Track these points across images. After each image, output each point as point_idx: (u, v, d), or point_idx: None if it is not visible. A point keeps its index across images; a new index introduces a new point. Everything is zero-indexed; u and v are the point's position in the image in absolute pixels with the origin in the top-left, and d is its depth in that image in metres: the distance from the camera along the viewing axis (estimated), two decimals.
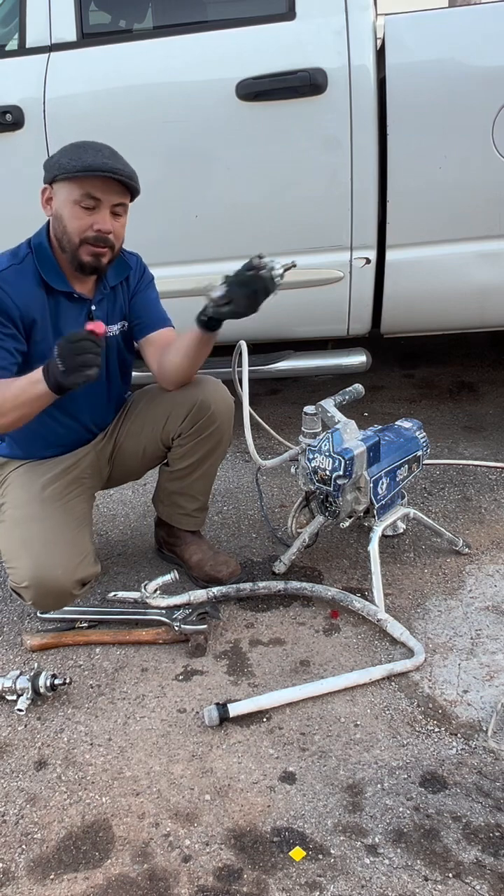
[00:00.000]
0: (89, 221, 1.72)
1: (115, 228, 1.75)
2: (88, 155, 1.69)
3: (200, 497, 2.06)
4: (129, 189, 1.74)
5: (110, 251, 1.77)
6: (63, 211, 1.72)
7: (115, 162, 1.70)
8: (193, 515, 2.08)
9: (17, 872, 1.32)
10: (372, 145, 2.20)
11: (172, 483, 2.03)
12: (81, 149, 1.71)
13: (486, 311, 2.41)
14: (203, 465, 1.99)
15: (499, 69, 2.14)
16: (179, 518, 2.07)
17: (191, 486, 2.02)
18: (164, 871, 1.31)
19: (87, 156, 1.69)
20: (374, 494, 1.88)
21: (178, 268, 2.39)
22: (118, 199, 1.73)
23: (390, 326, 2.48)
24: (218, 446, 1.97)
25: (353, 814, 1.38)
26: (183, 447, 1.96)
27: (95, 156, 1.69)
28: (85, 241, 1.73)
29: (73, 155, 1.70)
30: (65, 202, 1.72)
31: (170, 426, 1.95)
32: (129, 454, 2.02)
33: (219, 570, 2.03)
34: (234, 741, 1.55)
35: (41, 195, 1.76)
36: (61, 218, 1.73)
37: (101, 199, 1.71)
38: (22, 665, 1.81)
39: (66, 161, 1.69)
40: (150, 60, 2.27)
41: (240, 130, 2.23)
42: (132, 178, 1.73)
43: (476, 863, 1.28)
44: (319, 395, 2.14)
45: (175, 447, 1.97)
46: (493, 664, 1.70)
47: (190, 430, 1.93)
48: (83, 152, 1.70)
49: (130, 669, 1.77)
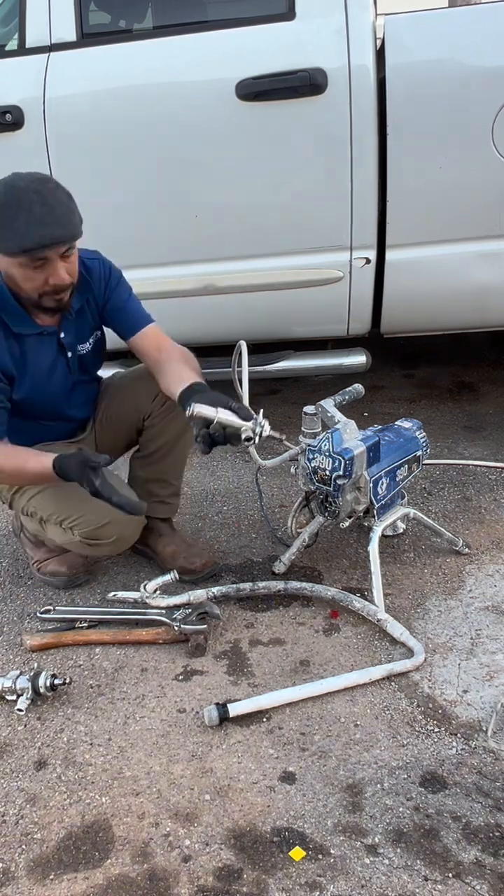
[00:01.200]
0: (43, 277, 1.70)
1: (69, 271, 1.73)
2: (21, 227, 1.60)
3: (174, 482, 2.11)
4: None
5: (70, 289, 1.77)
6: (12, 272, 1.71)
7: (53, 227, 1.62)
8: (167, 502, 2.12)
9: (17, 872, 1.32)
10: (372, 145, 2.20)
11: (145, 469, 2.08)
12: (14, 217, 1.61)
13: (486, 311, 2.41)
14: (175, 447, 2.04)
15: (499, 69, 2.14)
16: (154, 506, 2.08)
17: (163, 471, 2.07)
18: (164, 871, 1.31)
19: (20, 229, 1.60)
20: (373, 494, 1.88)
21: (178, 268, 2.39)
22: (64, 248, 1.68)
23: (390, 326, 2.48)
24: (187, 428, 1.99)
25: (353, 814, 1.38)
26: (154, 427, 2.01)
27: (32, 228, 1.60)
28: (43, 294, 1.74)
29: (6, 227, 1.62)
30: (12, 265, 1.69)
31: (141, 406, 2.00)
32: (107, 439, 2.09)
33: (193, 561, 2.06)
34: (234, 741, 1.55)
35: None
36: (13, 278, 1.73)
37: (49, 256, 1.67)
38: (22, 665, 1.81)
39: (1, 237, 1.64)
40: (150, 60, 2.27)
41: (240, 130, 2.23)
42: (72, 233, 1.67)
43: (476, 863, 1.28)
44: (319, 395, 2.14)
45: (147, 428, 2.03)
46: (493, 664, 1.70)
47: (161, 409, 1.98)
48: (18, 222, 1.61)
49: (130, 669, 1.77)
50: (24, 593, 2.08)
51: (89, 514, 1.84)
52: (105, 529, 1.86)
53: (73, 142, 2.28)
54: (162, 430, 2.02)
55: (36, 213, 1.61)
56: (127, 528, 1.89)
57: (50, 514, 1.91)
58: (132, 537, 1.96)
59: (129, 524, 1.88)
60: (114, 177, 2.31)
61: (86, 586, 2.08)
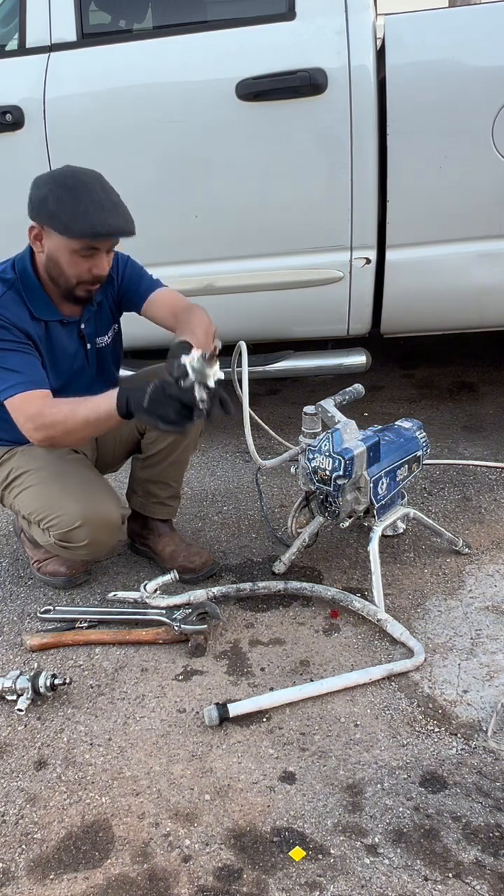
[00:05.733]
0: (87, 266, 1.74)
1: (109, 264, 1.78)
2: (88, 210, 1.63)
3: (173, 484, 2.11)
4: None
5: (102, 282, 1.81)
6: (59, 256, 1.73)
7: (115, 216, 1.67)
8: (167, 504, 2.12)
9: (17, 872, 1.32)
10: (372, 145, 2.20)
11: (145, 471, 2.08)
12: (78, 200, 1.64)
13: (486, 311, 2.41)
14: (175, 450, 2.04)
15: (499, 69, 2.14)
16: (153, 507, 2.11)
17: (163, 473, 2.07)
18: (164, 871, 1.31)
19: (87, 212, 1.63)
20: (374, 494, 1.88)
21: (178, 268, 2.39)
22: (116, 242, 1.74)
23: (390, 326, 2.48)
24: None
25: (353, 814, 1.38)
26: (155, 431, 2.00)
27: (96, 213, 1.64)
28: (81, 282, 1.76)
29: (71, 209, 1.64)
30: (61, 249, 1.71)
31: None
32: (108, 441, 2.09)
33: (192, 560, 2.06)
34: (234, 741, 1.55)
35: (28, 232, 1.75)
36: (57, 262, 1.74)
37: (100, 247, 1.72)
38: (22, 665, 1.81)
39: (65, 217, 1.65)
40: (150, 60, 2.27)
41: (240, 130, 2.23)
42: (130, 227, 1.71)
43: (476, 863, 1.28)
44: (319, 395, 2.13)
45: (148, 431, 2.04)
46: (493, 664, 1.70)
47: None
48: (82, 205, 1.63)
49: (130, 669, 1.77)
50: (24, 593, 2.09)
51: (64, 515, 1.85)
52: (77, 532, 1.86)
53: (73, 142, 2.28)
54: (163, 434, 2.01)
55: (103, 202, 1.66)
56: (99, 532, 1.89)
57: (30, 512, 1.93)
58: (107, 541, 1.95)
59: (101, 528, 1.88)
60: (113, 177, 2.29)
61: (86, 586, 2.08)
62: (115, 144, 2.28)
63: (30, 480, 1.92)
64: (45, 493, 1.88)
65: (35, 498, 1.90)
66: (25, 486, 1.92)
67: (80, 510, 1.84)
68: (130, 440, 2.10)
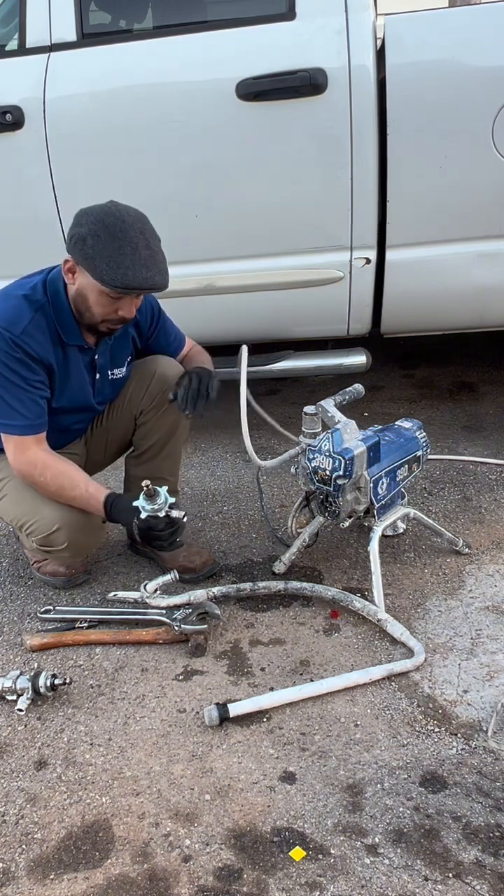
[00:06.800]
0: (114, 308, 1.74)
1: (137, 308, 1.78)
2: (125, 264, 1.62)
3: (170, 478, 2.11)
4: None
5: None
6: (88, 294, 1.73)
7: (152, 272, 1.65)
8: None
9: (17, 872, 1.32)
10: (372, 145, 2.20)
11: (140, 468, 2.09)
12: (118, 252, 1.62)
13: (486, 311, 2.41)
14: (167, 443, 2.05)
15: (499, 69, 2.14)
16: None
17: (158, 468, 2.07)
18: (164, 871, 1.31)
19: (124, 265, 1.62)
20: (374, 494, 1.88)
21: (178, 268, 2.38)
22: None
23: (390, 326, 2.48)
24: (179, 421, 2.03)
25: (353, 814, 1.38)
26: (147, 424, 2.03)
27: (133, 268, 1.63)
28: (106, 320, 1.78)
29: (109, 259, 1.62)
30: (91, 288, 1.71)
31: (133, 402, 2.03)
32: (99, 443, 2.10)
33: (192, 560, 2.06)
34: (234, 741, 1.55)
35: (63, 263, 1.75)
36: (86, 299, 1.74)
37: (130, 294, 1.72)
38: (22, 665, 1.81)
39: (101, 265, 1.63)
40: (150, 60, 2.27)
41: (240, 130, 2.23)
42: (165, 282, 1.70)
43: (476, 863, 1.28)
44: (319, 395, 2.13)
45: (139, 426, 2.05)
46: (493, 664, 1.70)
47: (151, 405, 2.01)
48: (122, 257, 1.62)
49: (130, 669, 1.77)
50: (24, 593, 2.09)
51: (41, 519, 1.87)
52: (55, 536, 1.87)
53: (73, 142, 2.28)
54: (154, 427, 2.04)
55: (142, 255, 1.64)
56: (79, 535, 1.90)
57: (10, 519, 1.95)
58: (87, 542, 1.97)
59: (80, 530, 1.89)
60: (114, 177, 2.31)
61: (86, 586, 2.08)
62: (115, 144, 2.28)
63: (7, 488, 1.93)
64: (22, 500, 1.89)
65: (14, 504, 1.92)
66: (3, 494, 1.94)
67: (56, 514, 1.85)
68: (121, 439, 2.11)
